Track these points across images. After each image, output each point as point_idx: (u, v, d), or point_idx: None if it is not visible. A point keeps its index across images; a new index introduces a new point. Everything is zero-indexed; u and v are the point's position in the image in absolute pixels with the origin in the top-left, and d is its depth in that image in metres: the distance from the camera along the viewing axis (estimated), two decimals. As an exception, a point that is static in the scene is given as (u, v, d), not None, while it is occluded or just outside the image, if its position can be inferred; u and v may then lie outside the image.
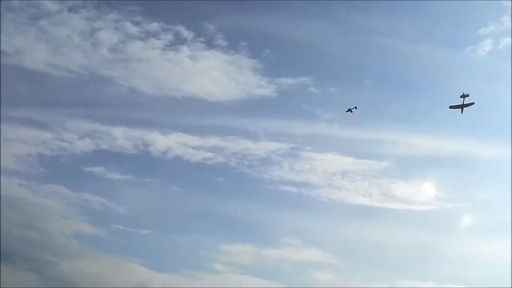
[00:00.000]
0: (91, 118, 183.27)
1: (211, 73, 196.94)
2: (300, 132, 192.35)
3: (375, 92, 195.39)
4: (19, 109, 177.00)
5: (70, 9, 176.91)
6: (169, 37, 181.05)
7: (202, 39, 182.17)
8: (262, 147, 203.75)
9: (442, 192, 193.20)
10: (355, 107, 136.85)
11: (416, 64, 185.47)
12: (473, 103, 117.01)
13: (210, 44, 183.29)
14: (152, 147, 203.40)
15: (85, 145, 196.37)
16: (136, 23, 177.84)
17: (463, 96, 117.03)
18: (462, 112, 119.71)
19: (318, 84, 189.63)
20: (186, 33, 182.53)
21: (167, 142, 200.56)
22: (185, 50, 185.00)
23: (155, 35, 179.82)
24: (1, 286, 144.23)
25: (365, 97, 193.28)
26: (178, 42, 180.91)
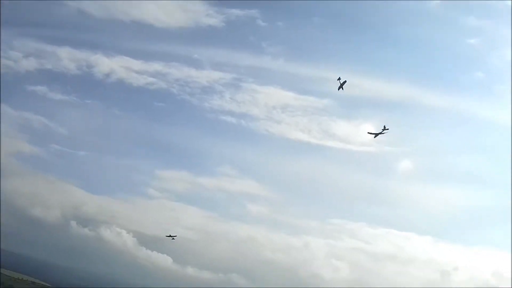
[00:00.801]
0: (37, 37, 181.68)
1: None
2: (244, 64, 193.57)
3: (324, 30, 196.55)
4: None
5: None
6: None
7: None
8: (204, 76, 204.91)
9: (382, 134, 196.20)
10: (345, 81, 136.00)
11: (366, 6, 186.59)
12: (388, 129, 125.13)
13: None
14: (95, 69, 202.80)
15: (29, 64, 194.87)
16: None
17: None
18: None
19: (266, 18, 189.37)
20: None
21: (111, 65, 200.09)
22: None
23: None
24: None
25: (313, 34, 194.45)
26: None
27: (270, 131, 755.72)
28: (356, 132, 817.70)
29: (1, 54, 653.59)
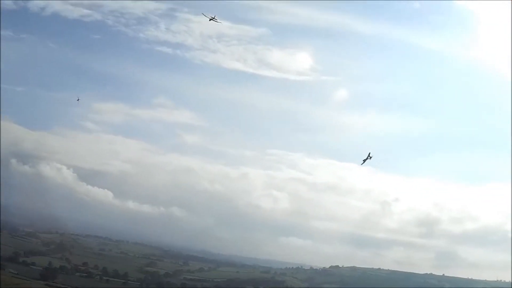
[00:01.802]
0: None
1: None
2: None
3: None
4: None
5: None
6: None
7: None
8: (139, 6, 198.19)
9: (318, 63, 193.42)
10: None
11: None
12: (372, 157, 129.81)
13: None
14: (31, 2, 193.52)
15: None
16: None
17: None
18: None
19: None
20: None
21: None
22: None
23: None
24: None
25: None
26: None
27: (205, 61, 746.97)
28: (292, 61, 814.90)
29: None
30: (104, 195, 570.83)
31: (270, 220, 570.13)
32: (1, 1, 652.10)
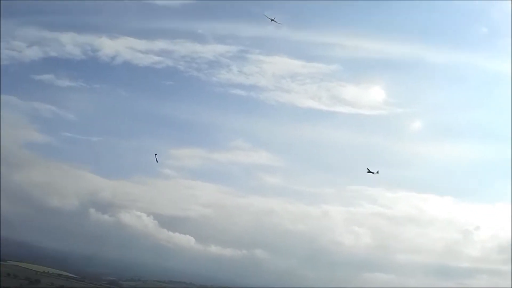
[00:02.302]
0: (39, 25, 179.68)
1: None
2: (248, 35, 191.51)
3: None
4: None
5: None
6: None
7: None
8: (210, 50, 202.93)
9: (391, 96, 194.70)
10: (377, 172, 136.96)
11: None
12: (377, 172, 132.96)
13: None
14: (100, 52, 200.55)
15: (33, 53, 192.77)
16: None
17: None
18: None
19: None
20: None
21: (115, 46, 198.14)
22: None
23: None
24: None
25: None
26: None
27: (280, 101, 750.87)
28: (366, 96, 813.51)
29: (4, 46, 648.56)
30: (186, 240, 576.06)
31: (353, 256, 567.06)
32: (72, 52, 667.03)
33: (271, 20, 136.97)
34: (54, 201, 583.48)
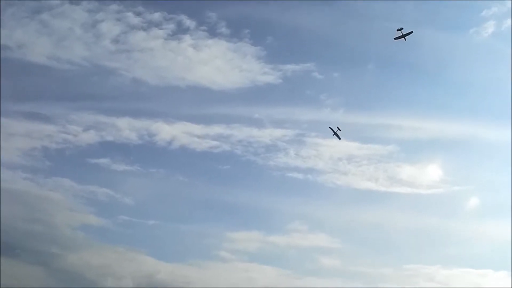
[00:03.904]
0: (95, 110, 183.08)
1: (214, 61, 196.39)
2: (305, 118, 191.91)
3: (379, 77, 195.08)
4: (23, 104, 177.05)
5: (71, 1, 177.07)
6: (171, 26, 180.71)
7: (204, 27, 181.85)
8: (267, 134, 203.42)
9: (447, 175, 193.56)
10: (338, 129, 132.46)
11: (419, 47, 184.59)
12: (411, 32, 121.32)
13: (212, 33, 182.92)
14: (157, 137, 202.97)
15: (89, 137, 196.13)
16: (138, 14, 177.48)
17: (400, 29, 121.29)
18: (405, 40, 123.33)
19: (321, 70, 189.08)
20: (188, 22, 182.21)
21: (172, 131, 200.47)
22: (187, 39, 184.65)
23: (157, 25, 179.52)
24: (6, 280, 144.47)
25: (368, 81, 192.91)
26: (180, 31, 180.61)
27: (337, 183, 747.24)
28: (422, 175, 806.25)
29: (59, 129, 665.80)
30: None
31: None
32: (128, 137, 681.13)
33: (334, 133, 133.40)
34: (109, 282, 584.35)
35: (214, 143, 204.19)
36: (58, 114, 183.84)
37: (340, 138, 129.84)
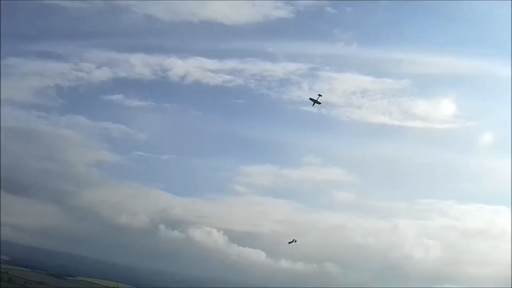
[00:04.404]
0: (108, 47, 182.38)
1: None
2: (318, 53, 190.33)
3: (393, 12, 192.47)
4: (35, 43, 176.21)
5: None
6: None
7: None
8: (280, 68, 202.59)
9: (461, 110, 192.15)
10: (319, 95, 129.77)
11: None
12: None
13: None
14: (170, 72, 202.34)
15: (103, 74, 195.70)
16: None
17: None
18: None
19: (335, 4, 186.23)
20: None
21: (185, 66, 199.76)
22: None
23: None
24: (21, 219, 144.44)
25: (382, 16, 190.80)
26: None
27: (351, 117, 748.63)
28: (436, 110, 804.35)
29: (72, 67, 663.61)
30: (256, 255, 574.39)
31: (423, 269, 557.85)
32: (141, 72, 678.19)
33: (314, 101, 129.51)
34: (124, 219, 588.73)
35: (228, 77, 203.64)
36: (70, 52, 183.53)
37: (320, 103, 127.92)
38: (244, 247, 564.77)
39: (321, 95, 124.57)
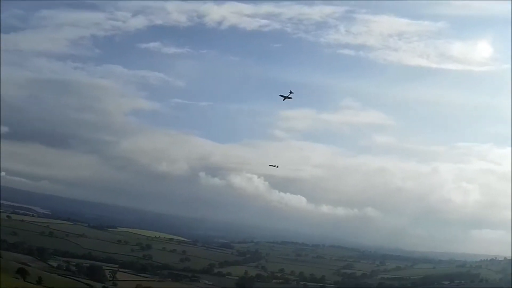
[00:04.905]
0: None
1: None
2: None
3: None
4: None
5: None
6: None
7: None
8: (317, 12, 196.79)
9: (498, 52, 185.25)
10: (291, 92, 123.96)
11: None
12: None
13: None
14: (206, 18, 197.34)
15: (138, 22, 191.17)
16: None
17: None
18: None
19: None
20: None
21: (221, 12, 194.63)
22: None
23: None
24: (60, 171, 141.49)
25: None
26: None
27: (388, 59, 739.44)
28: (473, 52, 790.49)
29: (107, 16, 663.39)
30: (297, 201, 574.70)
31: (462, 213, 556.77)
32: (177, 19, 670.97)
33: (285, 97, 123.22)
34: (164, 167, 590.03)
35: (264, 21, 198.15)
36: (105, 1, 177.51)
37: (291, 98, 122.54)
38: (285, 193, 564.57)
39: (292, 92, 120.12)
